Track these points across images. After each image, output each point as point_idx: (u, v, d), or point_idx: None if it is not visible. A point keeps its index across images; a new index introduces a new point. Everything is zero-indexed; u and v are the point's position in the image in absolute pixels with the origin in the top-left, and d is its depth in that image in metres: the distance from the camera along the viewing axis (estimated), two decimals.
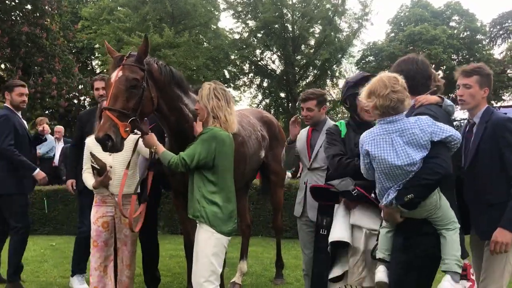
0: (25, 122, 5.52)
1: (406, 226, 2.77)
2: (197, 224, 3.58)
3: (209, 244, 3.43)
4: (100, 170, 4.04)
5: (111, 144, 3.31)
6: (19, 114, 5.39)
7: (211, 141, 3.45)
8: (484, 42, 29.65)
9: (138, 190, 3.97)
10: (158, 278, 5.13)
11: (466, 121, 3.58)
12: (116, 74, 3.48)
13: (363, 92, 2.78)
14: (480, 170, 3.27)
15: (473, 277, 3.08)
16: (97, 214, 4.14)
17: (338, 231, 3.27)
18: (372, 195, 3.10)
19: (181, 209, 4.30)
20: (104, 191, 4.10)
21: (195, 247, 3.53)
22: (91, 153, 4.10)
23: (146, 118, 3.67)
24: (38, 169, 5.26)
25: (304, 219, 4.29)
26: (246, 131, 4.79)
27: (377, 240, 3.10)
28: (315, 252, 3.61)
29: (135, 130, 3.63)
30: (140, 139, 3.75)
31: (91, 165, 4.12)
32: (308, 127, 4.43)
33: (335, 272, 3.32)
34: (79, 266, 5.20)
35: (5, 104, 5.39)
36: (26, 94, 5.38)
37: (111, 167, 4.06)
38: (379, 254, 2.89)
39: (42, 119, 8.58)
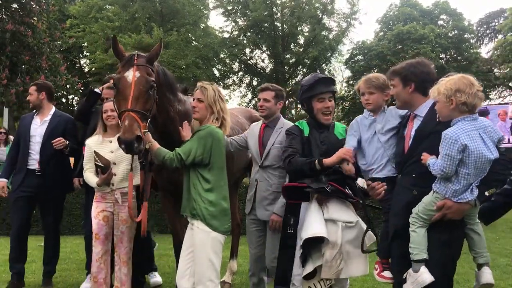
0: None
1: (450, 222, 2.82)
2: (190, 224, 3.57)
3: (207, 244, 3.43)
4: (104, 168, 4.14)
5: (137, 146, 3.26)
6: None
7: (208, 138, 3.45)
8: (471, 41, 29.93)
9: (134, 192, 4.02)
10: (142, 282, 5.11)
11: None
12: (133, 74, 3.43)
13: (447, 87, 2.77)
14: None
15: None
16: (98, 209, 4.26)
17: (314, 228, 3.30)
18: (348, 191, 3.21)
19: (170, 208, 4.29)
20: (106, 188, 4.21)
21: (194, 249, 3.50)
22: (95, 151, 4.19)
23: None
24: (2, 179, 5.23)
25: (252, 216, 4.22)
26: (234, 131, 4.78)
27: (364, 233, 3.24)
28: (281, 249, 3.60)
29: None
30: None
31: (95, 164, 4.19)
32: (260, 122, 4.33)
33: (307, 269, 3.36)
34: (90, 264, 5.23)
35: None
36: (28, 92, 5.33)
37: (114, 164, 4.17)
38: (419, 255, 2.83)
39: None
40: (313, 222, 3.33)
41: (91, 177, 4.30)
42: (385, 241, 3.20)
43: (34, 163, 5.10)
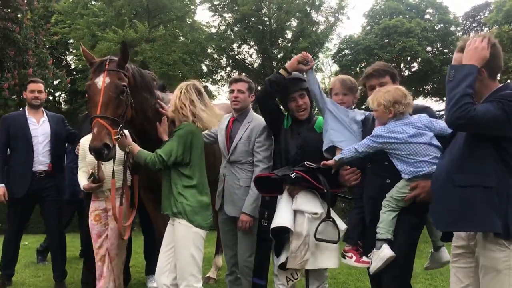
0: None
1: (420, 207, 3.10)
2: (171, 220, 3.60)
3: (189, 239, 3.47)
4: (96, 180, 4.23)
5: (107, 153, 3.29)
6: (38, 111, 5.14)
7: (187, 136, 3.49)
8: (458, 34, 30.09)
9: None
10: (127, 279, 5.13)
11: None
12: (103, 80, 3.43)
13: (385, 99, 3.17)
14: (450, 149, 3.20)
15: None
16: (91, 209, 4.43)
17: (280, 218, 3.40)
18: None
19: (150, 204, 4.31)
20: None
21: (175, 244, 3.55)
22: (98, 162, 4.21)
23: None
24: (0, 185, 5.04)
25: (223, 216, 4.22)
26: None
27: (320, 222, 3.39)
28: (258, 242, 3.72)
29: None
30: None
31: (91, 172, 4.24)
32: (230, 115, 4.31)
33: (281, 259, 3.47)
34: None
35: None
36: (38, 90, 5.16)
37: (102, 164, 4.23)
38: (385, 235, 3.09)
39: None
40: (281, 212, 3.43)
41: (82, 177, 4.39)
42: (357, 228, 3.34)
43: (39, 165, 5.01)
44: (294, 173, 3.34)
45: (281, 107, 3.94)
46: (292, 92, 3.69)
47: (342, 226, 3.43)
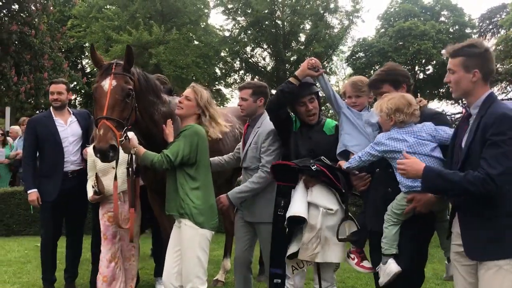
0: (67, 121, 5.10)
1: (420, 218, 3.03)
2: (177, 222, 3.60)
3: (195, 241, 3.47)
4: (98, 193, 4.30)
5: (112, 155, 3.30)
6: (62, 113, 5.06)
7: (193, 137, 3.50)
8: (473, 36, 29.80)
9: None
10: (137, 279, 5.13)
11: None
12: (109, 83, 3.46)
13: (388, 106, 3.10)
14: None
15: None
16: (102, 211, 4.43)
17: (296, 207, 3.40)
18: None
19: (157, 206, 4.31)
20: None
21: (181, 246, 3.54)
22: (96, 175, 4.31)
23: None
24: (33, 189, 4.87)
25: (240, 214, 4.17)
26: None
27: (340, 222, 3.37)
28: (273, 231, 3.67)
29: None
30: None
31: (92, 186, 4.30)
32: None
33: (292, 249, 3.47)
34: None
35: None
36: (57, 91, 4.99)
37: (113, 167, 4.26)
38: (389, 250, 3.06)
39: (25, 119, 8.50)
40: (298, 202, 3.44)
41: (90, 188, 4.41)
42: (363, 232, 3.31)
43: (70, 165, 4.94)
44: (315, 166, 3.36)
45: (290, 111, 3.90)
46: (302, 96, 3.66)
47: (353, 227, 3.43)
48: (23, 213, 8.72)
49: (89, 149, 4.41)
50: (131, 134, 3.67)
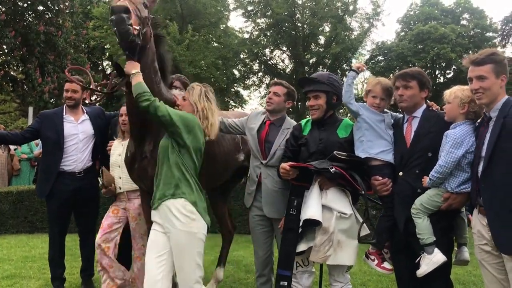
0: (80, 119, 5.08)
1: (451, 211, 3.20)
2: (160, 227, 3.39)
3: (193, 246, 3.31)
4: (106, 185, 4.55)
5: (128, 16, 3.15)
6: (76, 111, 5.08)
7: (187, 115, 3.39)
8: (495, 40, 29.35)
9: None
10: None
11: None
12: None
13: (464, 94, 3.13)
14: (499, 174, 2.82)
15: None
16: (112, 207, 4.70)
17: (312, 210, 3.42)
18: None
19: (145, 203, 4.14)
20: (116, 190, 4.63)
21: (176, 253, 3.32)
22: (103, 167, 4.46)
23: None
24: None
25: (257, 213, 4.15)
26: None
27: (361, 224, 3.44)
28: (285, 231, 3.63)
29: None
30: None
31: (98, 178, 4.60)
32: (263, 116, 4.29)
33: (301, 247, 3.51)
34: None
35: None
36: (71, 89, 5.01)
37: (119, 166, 4.55)
38: (430, 239, 3.14)
39: None
40: (313, 204, 3.46)
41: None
42: (384, 234, 3.37)
43: (78, 163, 4.92)
44: (334, 169, 3.35)
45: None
46: (305, 92, 3.78)
47: (366, 230, 3.45)
48: (47, 211, 8.86)
49: (115, 142, 4.61)
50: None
